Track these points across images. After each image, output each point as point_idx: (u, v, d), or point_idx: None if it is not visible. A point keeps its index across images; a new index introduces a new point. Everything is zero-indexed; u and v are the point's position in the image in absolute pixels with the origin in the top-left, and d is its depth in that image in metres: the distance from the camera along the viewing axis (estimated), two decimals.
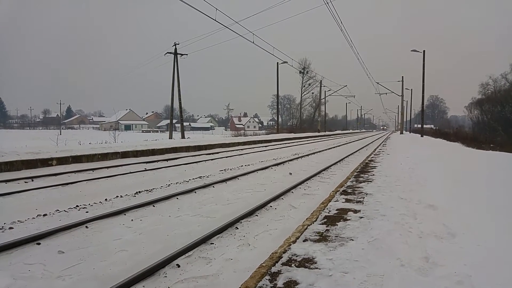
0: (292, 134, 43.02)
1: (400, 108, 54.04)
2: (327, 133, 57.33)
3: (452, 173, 8.60)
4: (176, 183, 8.50)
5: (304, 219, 4.80)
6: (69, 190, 7.60)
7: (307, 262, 3.18)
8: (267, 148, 21.61)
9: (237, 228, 4.92)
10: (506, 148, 18.16)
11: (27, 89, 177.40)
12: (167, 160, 14.09)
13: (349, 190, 6.65)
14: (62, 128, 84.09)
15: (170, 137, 31.02)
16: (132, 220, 5.31)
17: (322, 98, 60.78)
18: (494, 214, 4.64)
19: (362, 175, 8.62)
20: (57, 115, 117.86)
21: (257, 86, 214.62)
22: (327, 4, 16.03)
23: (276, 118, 54.96)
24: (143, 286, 3.25)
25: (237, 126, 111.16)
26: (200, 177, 9.44)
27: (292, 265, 3.14)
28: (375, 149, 19.03)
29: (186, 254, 3.91)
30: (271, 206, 6.21)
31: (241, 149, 20.54)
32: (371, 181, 7.60)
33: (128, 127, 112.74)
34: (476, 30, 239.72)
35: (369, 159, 13.15)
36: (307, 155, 16.52)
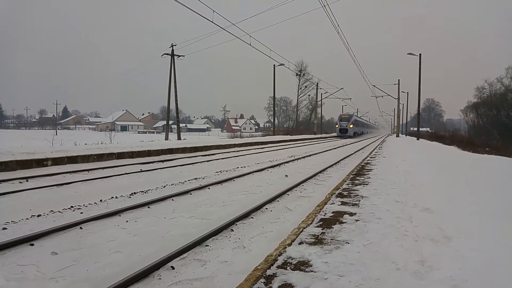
0: (289, 136, 43.09)
1: (396, 111, 54.20)
2: (323, 135, 57.39)
3: (448, 177, 8.62)
4: (172, 184, 8.47)
5: (300, 222, 4.79)
6: (64, 191, 7.55)
7: (302, 265, 3.17)
8: (263, 150, 21.59)
9: (233, 230, 4.90)
10: (501, 152, 18.26)
11: (23, 89, 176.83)
12: (163, 161, 14.04)
13: (345, 193, 6.65)
14: (58, 129, 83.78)
15: (166, 138, 30.96)
16: (127, 221, 5.27)
17: (318, 100, 60.89)
18: (490, 218, 4.64)
19: (358, 178, 8.62)
20: (53, 115, 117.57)
21: (253, 88, 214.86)
22: (324, 7, 16.09)
23: (272, 120, 54.99)
24: None
25: (234, 127, 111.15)
26: (195, 178, 9.41)
27: (288, 268, 3.12)
28: (371, 152, 19.06)
29: (181, 256, 3.89)
30: (266, 208, 6.20)
31: (237, 151, 20.53)
32: (367, 184, 7.60)
33: (124, 128, 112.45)
34: (473, 34, 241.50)
35: (365, 161, 13.16)
36: (303, 157, 16.53)
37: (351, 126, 52.70)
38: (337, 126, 55.52)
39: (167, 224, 5.22)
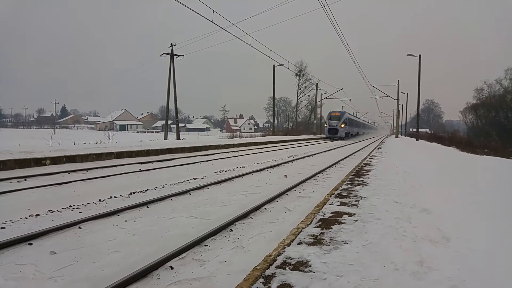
0: (288, 136, 43.05)
1: (396, 111, 54.26)
2: (322, 135, 57.41)
3: (446, 177, 8.64)
4: (171, 184, 8.46)
5: (299, 222, 4.79)
6: (63, 190, 7.53)
7: (301, 265, 3.17)
8: (263, 150, 21.59)
9: (232, 231, 4.90)
10: (500, 153, 18.29)
11: (21, 87, 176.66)
12: (161, 161, 14.03)
13: (344, 193, 6.65)
14: (57, 128, 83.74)
15: (165, 138, 30.92)
16: (125, 221, 5.27)
17: (318, 101, 60.92)
18: (488, 218, 4.65)
19: (357, 179, 8.62)
20: (52, 114, 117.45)
21: (253, 88, 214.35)
22: (323, 8, 16.10)
23: (272, 120, 54.96)
24: None
25: (233, 127, 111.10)
26: (194, 178, 9.40)
27: (286, 268, 3.12)
28: (371, 153, 19.08)
29: (180, 256, 3.88)
30: (265, 209, 6.19)
31: (236, 151, 20.52)
32: (366, 185, 7.61)
33: (123, 128, 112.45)
34: (473, 35, 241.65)
35: (364, 162, 13.17)
36: (303, 157, 16.53)
37: (343, 125, 44.43)
38: (325, 125, 46.72)
39: (166, 224, 5.22)
